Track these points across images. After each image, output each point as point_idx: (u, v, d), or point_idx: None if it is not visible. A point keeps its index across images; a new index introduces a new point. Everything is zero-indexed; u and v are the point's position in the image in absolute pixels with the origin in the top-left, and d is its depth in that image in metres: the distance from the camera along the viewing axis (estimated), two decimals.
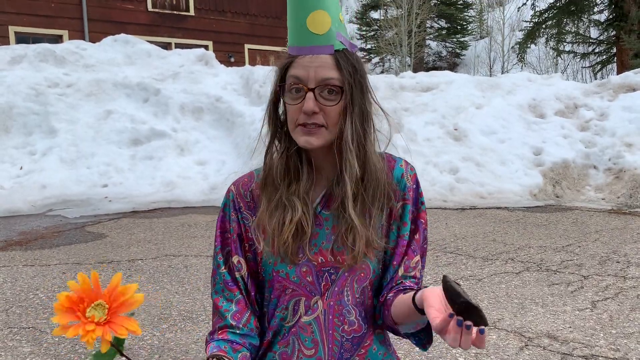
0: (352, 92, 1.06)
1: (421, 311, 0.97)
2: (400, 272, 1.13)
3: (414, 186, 1.16)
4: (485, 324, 0.87)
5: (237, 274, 1.14)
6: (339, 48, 1.07)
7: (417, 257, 1.15)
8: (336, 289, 1.10)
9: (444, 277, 0.91)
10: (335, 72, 1.05)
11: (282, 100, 1.10)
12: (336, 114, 1.05)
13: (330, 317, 1.10)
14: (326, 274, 1.10)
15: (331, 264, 1.10)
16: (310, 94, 1.03)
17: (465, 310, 0.86)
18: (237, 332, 1.12)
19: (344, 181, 1.07)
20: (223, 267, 1.15)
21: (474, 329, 0.86)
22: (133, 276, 4.05)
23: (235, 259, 1.15)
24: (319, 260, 1.10)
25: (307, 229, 1.09)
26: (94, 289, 0.82)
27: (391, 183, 1.13)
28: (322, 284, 1.10)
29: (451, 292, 0.88)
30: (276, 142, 1.12)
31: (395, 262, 1.13)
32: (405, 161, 1.19)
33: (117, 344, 0.84)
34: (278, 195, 1.10)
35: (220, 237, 1.17)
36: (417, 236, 1.15)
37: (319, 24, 1.05)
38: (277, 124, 1.12)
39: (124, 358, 0.86)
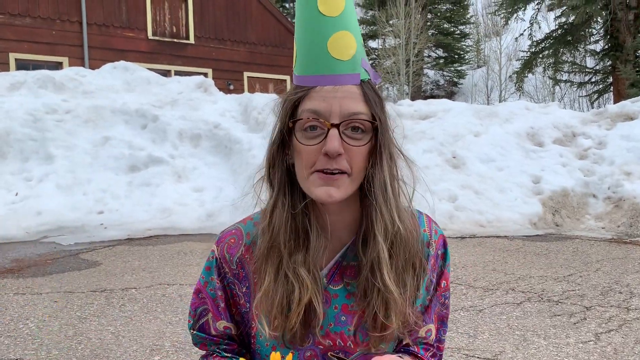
0: (382, 129, 0.88)
1: None
2: (409, 341, 0.99)
3: (439, 252, 0.98)
4: None
5: (220, 334, 1.01)
6: (364, 78, 0.88)
7: (428, 327, 1.00)
8: None
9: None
10: (363, 105, 0.86)
11: (290, 141, 0.90)
12: (363, 157, 0.86)
13: None
14: (334, 358, 0.94)
15: (340, 348, 0.93)
16: (334, 131, 0.83)
17: None
18: (225, 345, 1.01)
19: (376, 242, 0.87)
20: (192, 329, 1.03)
21: None
22: (126, 305, 3.96)
23: (220, 324, 1.00)
24: (327, 343, 0.93)
25: (318, 310, 0.89)
26: None
27: (421, 247, 0.94)
28: None
29: None
30: (281, 196, 0.91)
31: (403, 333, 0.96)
32: (428, 217, 0.99)
33: None
34: (283, 267, 0.89)
35: (197, 298, 1.02)
36: (429, 304, 0.99)
37: (343, 47, 0.86)
38: (282, 172, 0.92)
39: None
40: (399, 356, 0.92)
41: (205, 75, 16.01)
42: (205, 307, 1.00)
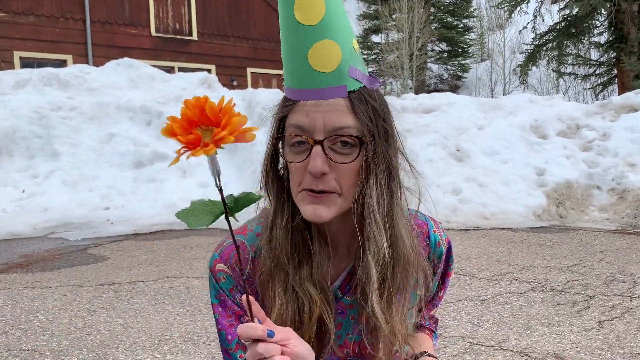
0: (374, 143, 0.81)
1: None
2: (418, 320, 1.02)
3: (447, 252, 0.97)
4: None
5: None
6: (354, 88, 0.80)
7: (437, 309, 1.04)
8: None
9: None
10: (350, 118, 0.79)
11: (280, 156, 0.86)
12: (353, 173, 0.79)
13: None
14: None
15: (358, 355, 0.91)
16: (317, 149, 0.77)
17: None
18: None
19: (367, 263, 0.82)
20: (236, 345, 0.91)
21: None
22: (134, 298, 4.01)
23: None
24: (344, 352, 0.90)
25: (330, 324, 0.85)
26: (211, 114, 0.69)
27: (428, 255, 0.92)
28: None
29: None
30: (279, 211, 0.86)
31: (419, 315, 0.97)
32: (434, 221, 0.96)
33: (233, 208, 0.71)
34: (290, 283, 0.84)
35: (224, 320, 0.92)
36: (441, 293, 1.02)
37: (325, 58, 0.77)
38: (278, 186, 0.87)
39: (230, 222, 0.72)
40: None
41: (209, 71, 16.06)
42: (236, 324, 0.93)
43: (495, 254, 5.28)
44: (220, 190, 0.71)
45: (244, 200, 0.71)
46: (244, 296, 0.72)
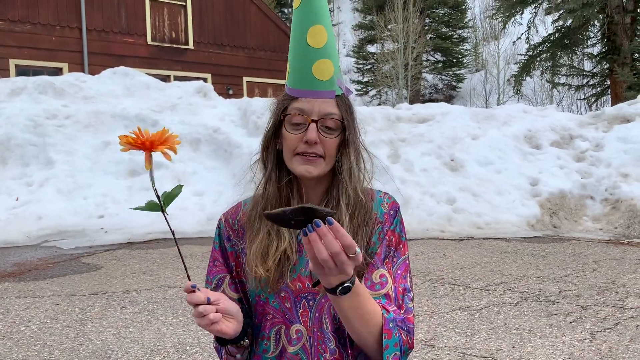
0: (348, 129, 1.14)
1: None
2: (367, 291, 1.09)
3: (390, 212, 1.19)
4: (329, 214, 0.89)
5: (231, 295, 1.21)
6: (339, 93, 1.15)
7: (380, 271, 1.10)
8: (316, 314, 1.12)
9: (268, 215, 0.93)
10: (336, 109, 1.13)
11: (279, 131, 1.17)
12: (334, 147, 1.13)
13: (315, 343, 1.12)
14: (304, 300, 1.13)
15: (308, 290, 1.13)
16: (313, 125, 1.11)
17: (302, 214, 0.88)
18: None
19: (339, 207, 1.13)
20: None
21: (324, 226, 0.89)
22: (127, 307, 4.00)
23: (228, 280, 1.22)
24: (297, 286, 1.13)
25: (291, 256, 1.14)
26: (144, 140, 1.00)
27: (373, 213, 1.18)
28: (300, 311, 1.13)
29: (276, 217, 0.90)
30: (273, 173, 1.18)
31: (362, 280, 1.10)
32: (385, 192, 1.24)
33: (165, 201, 1.01)
34: (268, 225, 1.15)
35: (212, 265, 1.24)
36: (378, 251, 1.13)
37: (324, 71, 1.13)
38: (274, 154, 1.18)
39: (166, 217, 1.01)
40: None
41: (205, 80, 16.08)
42: (222, 275, 1.22)
43: (489, 263, 5.29)
44: (155, 191, 1.01)
45: (172, 195, 1.02)
46: (188, 283, 1.01)
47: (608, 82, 18.69)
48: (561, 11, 18.63)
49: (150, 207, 1.02)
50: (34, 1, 14.77)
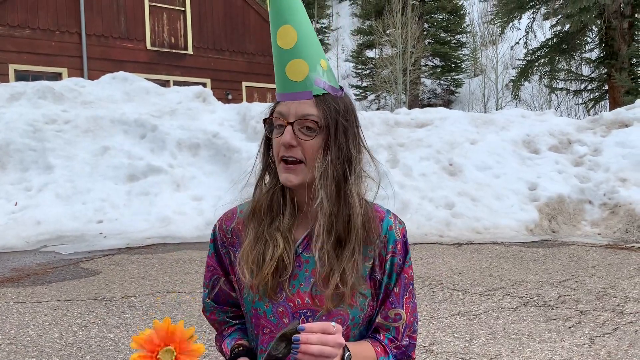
0: (329, 130, 1.07)
1: None
2: (378, 319, 1.13)
3: (403, 240, 1.15)
4: (294, 327, 0.95)
5: (227, 303, 1.23)
6: (318, 93, 1.09)
7: (397, 310, 1.13)
8: None
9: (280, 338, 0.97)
10: (314, 110, 1.07)
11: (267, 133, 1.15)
12: (314, 149, 1.07)
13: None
14: (302, 316, 1.10)
15: (308, 307, 1.09)
16: (288, 127, 1.07)
17: (282, 342, 0.95)
18: (232, 313, 1.24)
19: (318, 218, 1.08)
20: (208, 298, 1.24)
21: (301, 335, 0.94)
22: (126, 313, 4.00)
23: (223, 280, 1.22)
24: (296, 302, 1.10)
25: (288, 265, 1.09)
26: (168, 334, 0.96)
27: (379, 233, 1.12)
28: None
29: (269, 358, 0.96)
30: (266, 177, 1.15)
31: (377, 312, 1.14)
32: (394, 214, 1.18)
33: None
34: (261, 230, 1.12)
35: (207, 270, 1.24)
36: (397, 290, 1.13)
37: (297, 72, 1.08)
38: (268, 159, 1.15)
39: None
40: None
41: (204, 85, 16.12)
42: (217, 276, 1.21)
43: (487, 268, 5.29)
44: None
45: None
46: None
47: (606, 87, 18.74)
48: (559, 16, 18.69)
49: None
50: (34, 6, 14.80)
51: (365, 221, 1.09)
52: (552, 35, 19.59)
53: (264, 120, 1.13)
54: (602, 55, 18.68)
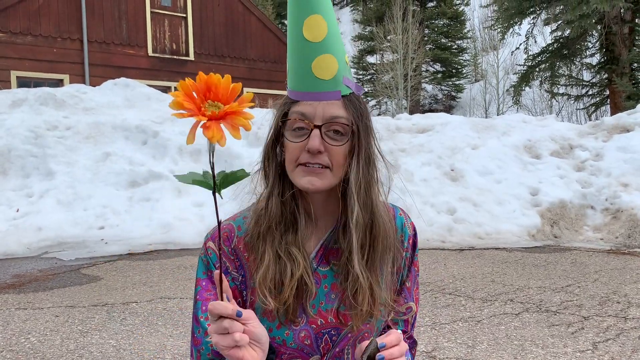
0: (359, 134, 0.98)
1: None
2: (391, 316, 1.11)
3: (413, 234, 1.11)
4: (374, 345, 0.89)
5: None
6: (346, 93, 0.98)
7: (409, 304, 1.11)
8: (337, 349, 1.01)
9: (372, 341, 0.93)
10: (343, 111, 0.96)
11: (280, 139, 1.01)
12: (342, 155, 0.96)
13: None
14: (326, 335, 1.00)
15: (332, 325, 1.00)
16: (316, 131, 0.94)
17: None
18: None
19: (350, 232, 0.97)
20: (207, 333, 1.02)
21: (385, 352, 0.88)
22: (127, 319, 3.99)
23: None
24: (319, 322, 1.00)
25: (310, 284, 0.97)
26: (213, 90, 0.77)
27: (399, 234, 1.07)
28: (322, 346, 1.01)
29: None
30: (276, 186, 1.02)
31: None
32: (402, 209, 1.12)
33: (221, 182, 0.81)
34: (275, 247, 0.98)
35: (201, 295, 1.03)
36: (408, 284, 1.11)
37: (325, 68, 0.95)
38: (276, 165, 1.03)
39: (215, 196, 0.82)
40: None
41: None
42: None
43: (490, 274, 5.28)
44: (212, 166, 0.80)
45: (232, 178, 0.82)
46: (217, 272, 0.82)
47: (607, 92, 18.75)
48: (559, 22, 18.73)
49: (201, 182, 0.81)
50: (35, 13, 14.86)
51: (390, 228, 1.02)
52: (553, 41, 19.63)
53: (283, 121, 0.99)
54: (602, 60, 18.70)
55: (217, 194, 0.81)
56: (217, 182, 0.80)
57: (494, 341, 3.44)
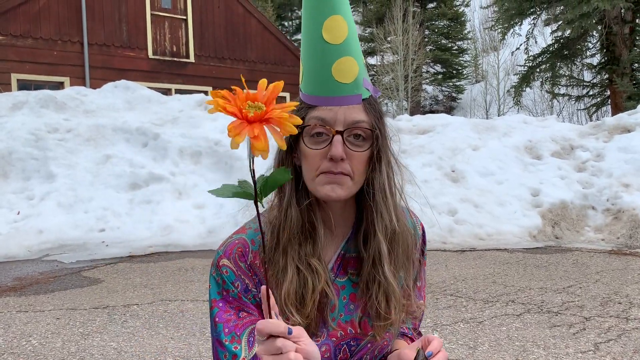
0: (381, 138, 0.95)
1: None
2: (403, 316, 1.08)
3: (422, 233, 1.12)
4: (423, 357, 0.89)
5: None
6: (366, 96, 0.94)
7: (419, 303, 1.10)
8: (354, 358, 0.99)
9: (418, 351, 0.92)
10: (364, 115, 0.93)
11: (298, 145, 0.96)
12: (363, 162, 0.93)
13: None
14: (345, 346, 0.97)
15: (351, 336, 0.97)
16: (338, 137, 0.90)
17: None
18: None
19: (377, 239, 0.94)
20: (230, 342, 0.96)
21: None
22: (128, 321, 3.98)
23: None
24: (338, 334, 0.96)
25: (332, 297, 0.94)
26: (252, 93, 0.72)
27: (418, 239, 1.05)
28: (339, 356, 0.98)
29: None
30: (293, 195, 0.97)
31: None
32: (410, 210, 1.11)
33: (262, 190, 0.74)
34: (294, 260, 0.94)
35: (220, 317, 0.95)
36: (419, 284, 1.10)
37: (346, 72, 0.91)
38: (294, 173, 0.97)
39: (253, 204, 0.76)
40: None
41: (206, 93, 16.14)
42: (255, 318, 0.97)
43: (491, 275, 5.27)
44: (252, 174, 0.74)
45: (272, 182, 0.75)
46: (263, 287, 0.76)
47: (608, 93, 18.74)
48: (559, 22, 18.73)
49: (240, 193, 0.74)
50: (36, 16, 14.88)
51: (409, 234, 0.99)
52: (553, 41, 19.63)
53: (302, 128, 0.93)
54: (603, 60, 18.70)
55: (259, 203, 0.75)
56: (258, 190, 0.74)
57: (495, 342, 3.44)
